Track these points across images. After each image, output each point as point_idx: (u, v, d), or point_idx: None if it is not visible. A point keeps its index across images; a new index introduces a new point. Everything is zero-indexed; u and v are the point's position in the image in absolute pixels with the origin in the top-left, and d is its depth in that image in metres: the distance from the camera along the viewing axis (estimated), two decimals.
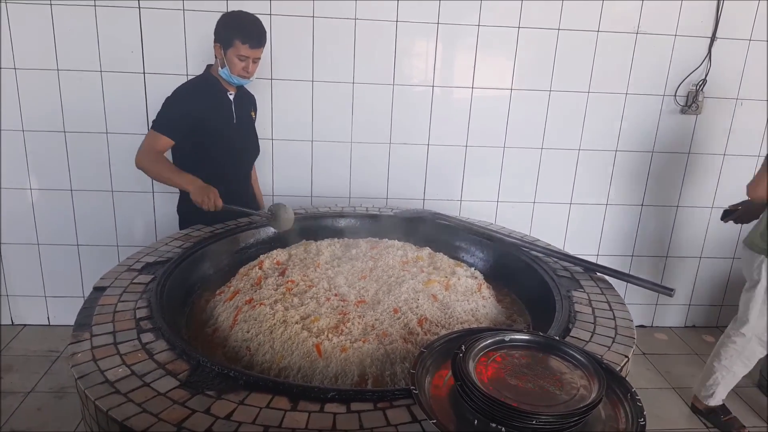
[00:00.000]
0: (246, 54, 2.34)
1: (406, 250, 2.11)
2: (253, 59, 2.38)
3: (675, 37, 3.21)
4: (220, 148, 2.49)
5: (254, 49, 2.35)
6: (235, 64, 2.37)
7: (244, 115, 2.58)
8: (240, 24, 2.35)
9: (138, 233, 3.29)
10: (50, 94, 3.00)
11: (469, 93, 3.21)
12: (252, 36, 2.33)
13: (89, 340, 1.45)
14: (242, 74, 2.40)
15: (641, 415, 1.12)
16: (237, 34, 2.32)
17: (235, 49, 2.34)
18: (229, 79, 2.43)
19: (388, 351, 1.49)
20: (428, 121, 3.23)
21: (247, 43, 2.32)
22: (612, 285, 1.94)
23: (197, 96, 2.44)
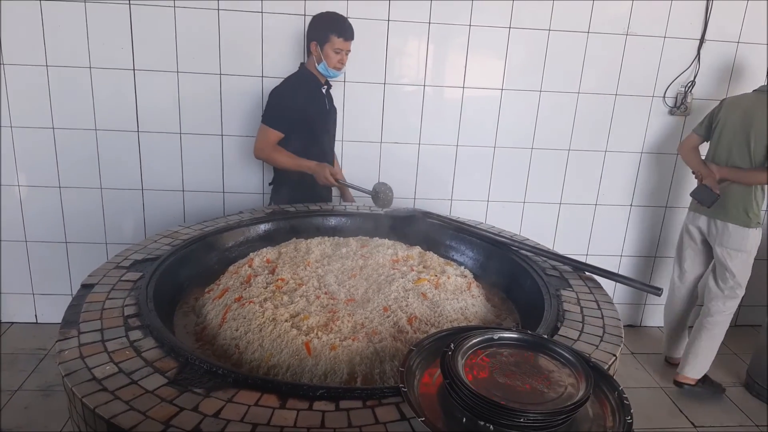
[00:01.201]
0: (341, 47, 2.65)
1: (397, 248, 2.11)
2: (346, 51, 2.68)
3: (664, 39, 3.24)
4: (320, 134, 2.81)
5: (348, 42, 2.67)
6: (332, 58, 2.67)
7: (332, 105, 2.91)
8: (334, 21, 2.66)
9: (127, 230, 3.27)
10: (39, 90, 2.98)
11: (460, 93, 3.22)
12: (345, 30, 2.65)
13: (77, 337, 1.44)
14: (337, 66, 2.70)
15: (628, 413, 1.13)
16: (333, 30, 2.63)
17: (331, 44, 2.64)
18: (326, 72, 2.72)
19: (378, 349, 1.49)
20: (419, 121, 3.24)
21: (342, 36, 2.63)
22: (600, 284, 1.95)
23: (299, 91, 2.71)
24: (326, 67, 2.69)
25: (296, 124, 2.71)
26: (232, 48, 3.01)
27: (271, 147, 2.70)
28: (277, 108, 2.70)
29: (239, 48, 3.02)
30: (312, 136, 2.77)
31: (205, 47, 2.99)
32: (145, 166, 3.16)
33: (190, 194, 3.23)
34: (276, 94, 2.72)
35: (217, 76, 3.04)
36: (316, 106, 2.77)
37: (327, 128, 2.86)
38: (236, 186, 3.24)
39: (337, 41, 2.63)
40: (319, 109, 2.78)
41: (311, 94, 2.74)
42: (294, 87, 2.72)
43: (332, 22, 2.65)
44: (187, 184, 3.21)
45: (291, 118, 2.69)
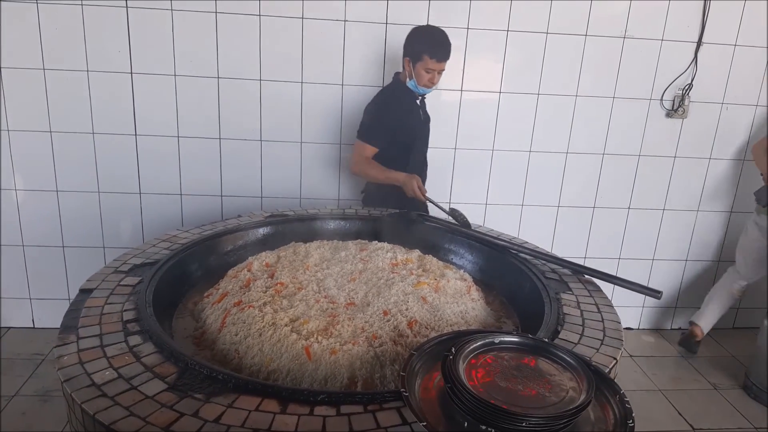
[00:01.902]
0: (433, 67, 2.57)
1: (396, 252, 2.11)
2: (438, 71, 2.60)
3: (662, 41, 3.25)
4: (417, 146, 2.82)
5: (441, 63, 2.58)
6: (422, 76, 2.61)
7: (427, 118, 2.87)
8: (429, 40, 2.57)
9: (125, 235, 3.26)
10: (36, 93, 2.97)
11: (458, 96, 3.22)
12: (439, 51, 2.55)
13: (75, 342, 1.43)
14: (427, 85, 2.64)
15: (630, 416, 1.13)
16: (426, 50, 2.54)
17: (423, 63, 2.56)
18: (415, 89, 2.68)
19: (378, 353, 1.48)
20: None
21: (434, 57, 2.54)
22: (600, 287, 1.95)
23: (394, 105, 2.72)
24: (416, 85, 2.66)
25: (393, 137, 2.71)
26: (231, 51, 3.00)
27: (366, 162, 2.70)
28: (373, 124, 2.71)
29: (237, 52, 3.01)
30: (409, 147, 2.77)
31: (201, 50, 2.99)
32: (143, 170, 3.15)
33: (188, 198, 3.22)
34: (371, 110, 2.74)
35: (215, 79, 3.03)
36: (411, 118, 2.76)
37: (422, 139, 2.87)
38: (234, 190, 3.23)
39: (429, 61, 2.56)
40: (414, 121, 2.77)
41: (407, 106, 2.73)
42: (389, 102, 2.73)
43: (427, 41, 2.57)
44: (185, 187, 3.20)
45: (387, 133, 2.70)
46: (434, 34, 2.59)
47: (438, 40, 2.56)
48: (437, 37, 2.57)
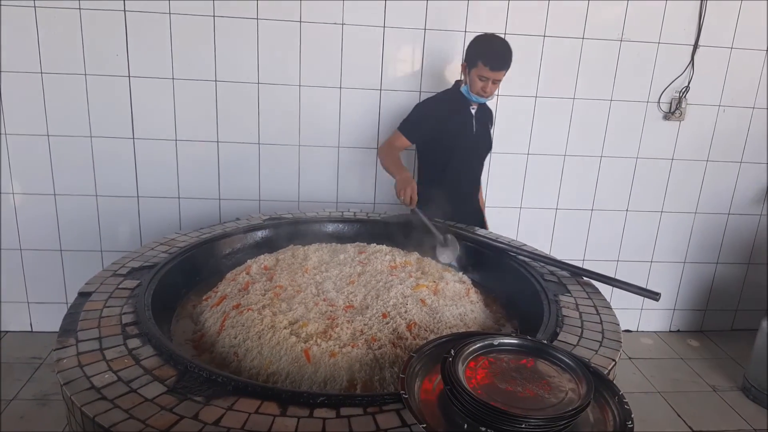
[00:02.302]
0: (486, 75, 2.50)
1: (394, 254, 2.11)
2: (493, 80, 2.52)
3: (658, 44, 3.26)
4: (458, 156, 2.72)
5: (495, 72, 2.50)
6: (476, 83, 2.54)
7: (482, 128, 2.76)
8: (486, 47, 2.51)
9: (122, 238, 3.26)
10: (33, 97, 2.97)
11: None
12: (494, 59, 2.48)
13: (75, 345, 1.43)
14: (480, 93, 2.57)
15: (629, 417, 1.13)
16: (481, 56, 2.48)
17: (477, 70, 2.51)
18: (468, 96, 2.62)
19: (377, 356, 1.48)
20: None
21: (488, 65, 2.47)
22: (598, 289, 1.96)
23: (441, 107, 2.68)
24: (468, 91, 2.61)
25: (432, 139, 2.70)
26: (229, 55, 3.01)
27: (389, 149, 2.68)
28: (415, 119, 2.69)
29: (235, 55, 3.01)
30: (449, 155, 2.71)
31: (199, 54, 2.99)
32: (141, 174, 3.15)
33: (186, 201, 3.22)
34: (418, 105, 2.74)
35: (213, 82, 3.04)
36: (457, 125, 2.69)
37: (469, 150, 2.76)
38: (232, 193, 3.23)
39: (483, 69, 2.49)
40: (460, 129, 2.69)
41: (454, 111, 2.68)
42: (437, 102, 2.72)
43: (484, 48, 2.52)
44: (183, 191, 3.20)
45: (426, 132, 2.68)
46: (493, 42, 2.54)
47: (495, 48, 2.51)
48: (495, 45, 2.52)
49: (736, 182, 3.58)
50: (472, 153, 2.79)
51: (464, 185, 2.82)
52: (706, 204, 3.60)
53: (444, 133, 2.68)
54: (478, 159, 2.86)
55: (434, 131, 2.68)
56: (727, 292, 3.83)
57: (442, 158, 2.73)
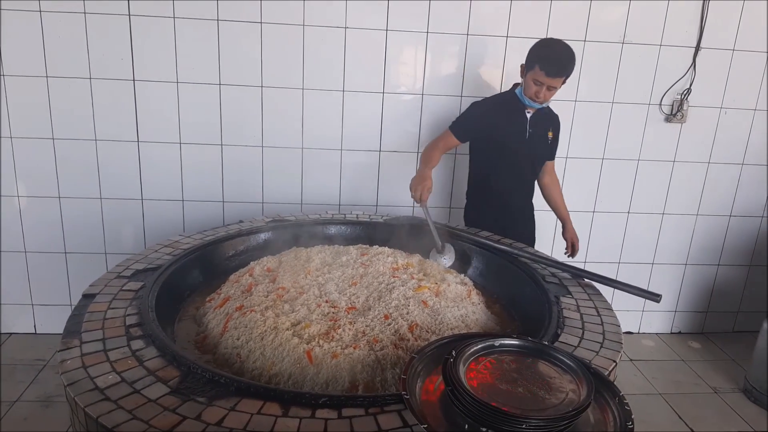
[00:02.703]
0: (541, 80, 2.43)
1: (396, 256, 2.12)
2: (548, 86, 2.45)
3: (660, 47, 3.27)
4: (507, 160, 2.66)
5: (550, 78, 2.42)
6: (530, 87, 2.49)
7: (538, 133, 2.66)
8: (545, 51, 2.44)
9: (127, 241, 3.27)
10: (39, 100, 2.99)
11: (458, 101, 3.24)
12: (551, 65, 2.40)
13: (79, 347, 1.44)
14: (533, 98, 2.50)
15: (629, 418, 1.14)
16: (539, 60, 2.41)
17: (533, 73, 2.44)
18: (521, 98, 2.56)
19: (379, 357, 1.49)
20: (418, 129, 3.25)
21: (544, 70, 2.40)
22: (599, 291, 1.96)
23: (494, 108, 2.63)
24: (522, 93, 2.56)
25: (481, 140, 2.68)
26: (233, 58, 3.02)
27: (433, 146, 2.66)
28: (465, 117, 2.66)
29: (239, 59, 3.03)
30: (497, 158, 2.67)
31: (202, 58, 3.01)
32: (145, 176, 3.17)
33: (190, 204, 3.24)
34: (472, 104, 2.70)
35: (217, 86, 3.05)
36: (509, 128, 2.61)
37: (520, 156, 2.67)
38: (235, 195, 3.25)
39: (538, 73, 2.42)
40: (512, 133, 2.62)
41: (507, 115, 2.62)
42: (490, 103, 2.67)
43: (542, 52, 2.45)
44: (187, 193, 3.22)
45: (475, 132, 2.66)
46: (553, 47, 2.46)
47: (554, 53, 2.43)
48: (555, 50, 2.44)
49: (737, 184, 3.58)
50: (524, 159, 2.69)
51: (512, 191, 2.75)
52: (707, 206, 3.60)
53: (494, 135, 2.63)
54: (531, 166, 2.74)
55: (484, 132, 2.64)
56: (729, 294, 3.83)
57: (489, 161, 2.69)
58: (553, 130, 2.74)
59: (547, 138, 2.71)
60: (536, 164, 2.76)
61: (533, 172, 2.78)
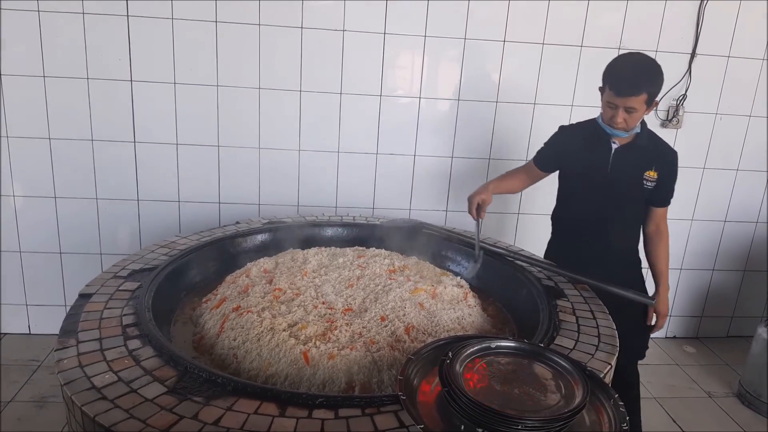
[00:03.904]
0: (614, 102, 2.08)
1: (393, 259, 2.13)
2: (624, 108, 2.07)
3: (656, 52, 3.28)
4: (584, 193, 2.32)
5: (621, 98, 2.05)
6: (605, 111, 2.16)
7: (624, 169, 2.23)
8: (613, 67, 2.13)
9: (122, 241, 3.27)
10: (36, 100, 2.98)
11: (455, 105, 3.25)
12: (620, 81, 2.07)
13: (75, 346, 1.44)
14: (610, 124, 2.14)
15: (624, 420, 1.15)
16: (607, 78, 2.12)
17: (606, 95, 2.13)
18: (601, 124, 2.21)
19: (376, 358, 1.50)
20: (415, 132, 3.26)
21: (613, 89, 2.07)
22: (595, 294, 1.97)
23: (573, 134, 2.35)
24: (601, 119, 2.21)
25: (561, 169, 2.43)
26: (231, 60, 3.03)
27: (516, 170, 2.53)
28: (547, 143, 2.43)
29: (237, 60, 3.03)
30: (571, 192, 2.40)
31: (200, 59, 3.01)
32: (141, 177, 3.16)
33: (186, 205, 3.24)
34: (559, 128, 2.44)
35: (214, 87, 3.05)
36: (587, 158, 2.27)
37: (597, 191, 2.26)
38: (232, 197, 3.25)
39: (609, 93, 2.09)
40: (590, 164, 2.26)
41: (588, 143, 2.26)
42: (577, 128, 2.37)
43: (610, 68, 2.14)
44: (183, 194, 3.21)
45: (555, 161, 2.40)
46: (624, 61, 2.15)
47: (624, 68, 2.11)
48: (625, 65, 2.12)
49: (732, 190, 3.60)
50: (603, 195, 2.26)
51: (588, 232, 2.34)
52: (702, 211, 3.62)
53: (571, 166, 2.35)
54: (614, 205, 2.28)
55: (563, 161, 2.37)
56: (723, 299, 3.85)
57: (565, 195, 2.45)
58: (658, 169, 2.25)
59: (641, 176, 2.23)
60: (620, 204, 2.29)
61: (618, 213, 2.30)
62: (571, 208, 2.41)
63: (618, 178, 2.23)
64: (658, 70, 2.09)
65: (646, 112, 2.13)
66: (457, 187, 3.40)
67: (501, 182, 2.47)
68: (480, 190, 2.33)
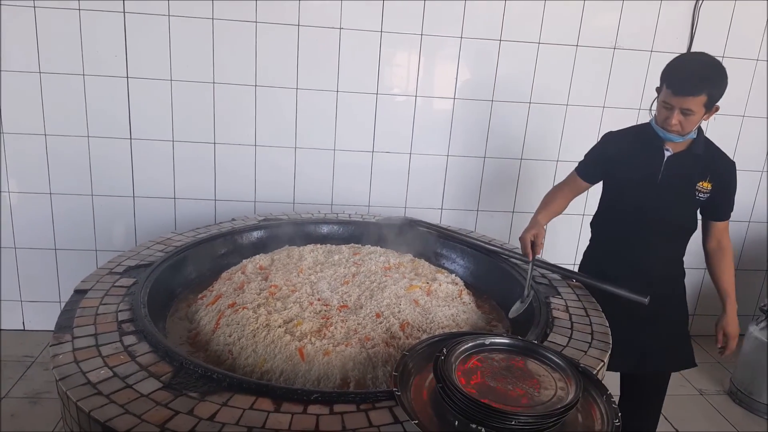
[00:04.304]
0: (670, 102, 1.91)
1: (388, 256, 2.14)
2: (681, 110, 1.90)
3: (651, 52, 3.30)
4: (629, 205, 2.12)
5: (678, 97, 1.88)
6: (660, 112, 1.98)
7: (676, 179, 2.05)
8: (673, 65, 1.96)
9: (117, 238, 3.26)
10: (31, 96, 2.97)
11: (451, 104, 3.26)
12: (676, 80, 1.90)
13: (71, 342, 1.45)
14: (665, 126, 1.96)
15: (616, 416, 1.16)
16: (666, 76, 1.96)
17: (662, 95, 1.95)
18: (655, 127, 2.02)
19: (371, 355, 1.51)
20: (411, 131, 3.27)
21: (670, 88, 1.91)
22: (588, 292, 1.99)
23: (621, 141, 2.15)
24: (655, 122, 2.02)
25: (606, 175, 2.22)
26: (227, 57, 3.03)
27: (558, 188, 2.30)
28: (591, 151, 2.23)
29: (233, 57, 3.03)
30: (620, 195, 2.18)
31: (197, 56, 3.01)
32: (137, 174, 3.16)
33: (182, 202, 3.24)
34: (604, 135, 2.23)
35: (211, 84, 3.05)
36: (635, 166, 2.08)
37: (643, 202, 2.08)
38: (228, 194, 3.25)
39: (665, 92, 1.92)
40: (638, 173, 2.08)
41: (638, 149, 2.09)
42: (619, 135, 2.19)
43: (669, 67, 1.97)
44: (179, 191, 3.21)
45: (600, 171, 2.21)
46: (685, 59, 2.01)
47: (684, 66, 1.95)
48: (683, 64, 1.96)
49: None
50: (651, 206, 2.08)
51: (632, 248, 2.15)
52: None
53: (619, 173, 2.14)
54: (662, 216, 2.09)
55: (609, 169, 2.16)
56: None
57: (610, 202, 2.25)
58: (713, 180, 2.09)
59: (693, 187, 2.07)
60: (672, 216, 2.12)
61: (668, 225, 2.14)
62: (615, 216, 2.22)
63: (669, 187, 2.06)
64: (721, 71, 1.93)
65: (705, 118, 1.97)
66: (452, 186, 3.41)
67: (548, 210, 2.22)
68: (531, 226, 2.08)
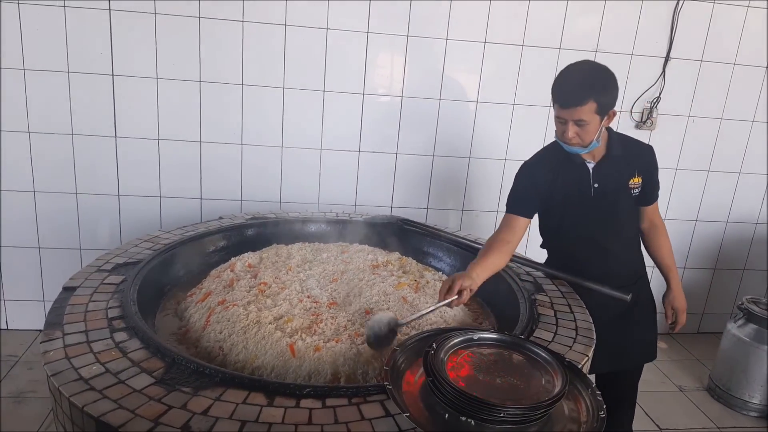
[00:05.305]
0: (560, 115, 1.89)
1: (376, 254, 2.16)
2: (574, 122, 1.86)
3: (631, 56, 3.37)
4: (572, 226, 2.09)
5: (567, 109, 1.85)
6: (557, 127, 1.94)
7: (608, 186, 2.02)
8: (557, 80, 1.91)
9: (102, 237, 3.24)
10: (15, 93, 2.95)
11: (437, 104, 3.29)
12: (561, 93, 1.87)
13: (61, 338, 1.45)
14: (563, 140, 1.93)
15: (602, 408, 1.19)
16: (552, 92, 1.91)
17: (555, 111, 1.92)
18: (561, 144, 1.97)
19: (361, 350, 1.53)
20: (397, 131, 3.30)
21: (557, 102, 1.88)
22: (573, 289, 2.03)
23: (542, 168, 2.07)
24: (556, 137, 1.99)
25: (544, 205, 2.10)
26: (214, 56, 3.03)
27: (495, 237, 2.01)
28: (515, 190, 2.09)
29: (220, 56, 3.03)
30: (556, 220, 2.13)
31: (183, 55, 3.00)
32: (122, 172, 3.14)
33: (167, 200, 3.23)
34: (520, 168, 2.12)
35: (197, 83, 3.05)
36: (566, 185, 2.04)
37: (584, 214, 2.05)
38: (214, 193, 3.25)
39: (555, 107, 1.90)
40: (571, 190, 2.04)
41: (561, 170, 2.03)
42: (535, 163, 2.10)
43: (554, 83, 1.91)
44: (165, 190, 3.20)
45: (534, 202, 2.07)
46: (566, 71, 1.93)
47: (564, 80, 1.90)
48: (564, 76, 1.91)
49: (703, 190, 3.70)
50: (594, 217, 2.06)
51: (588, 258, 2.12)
52: (674, 210, 3.71)
53: (550, 197, 2.07)
54: (606, 223, 2.06)
55: (541, 198, 2.07)
56: (694, 297, 3.95)
57: (551, 227, 2.18)
58: (641, 172, 2.07)
59: (627, 187, 2.04)
60: (616, 219, 2.08)
61: (615, 227, 2.10)
62: (563, 239, 2.17)
63: (604, 196, 2.03)
64: (605, 77, 1.91)
65: (604, 124, 1.91)
66: (438, 185, 3.44)
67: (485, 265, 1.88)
68: (466, 276, 1.77)
